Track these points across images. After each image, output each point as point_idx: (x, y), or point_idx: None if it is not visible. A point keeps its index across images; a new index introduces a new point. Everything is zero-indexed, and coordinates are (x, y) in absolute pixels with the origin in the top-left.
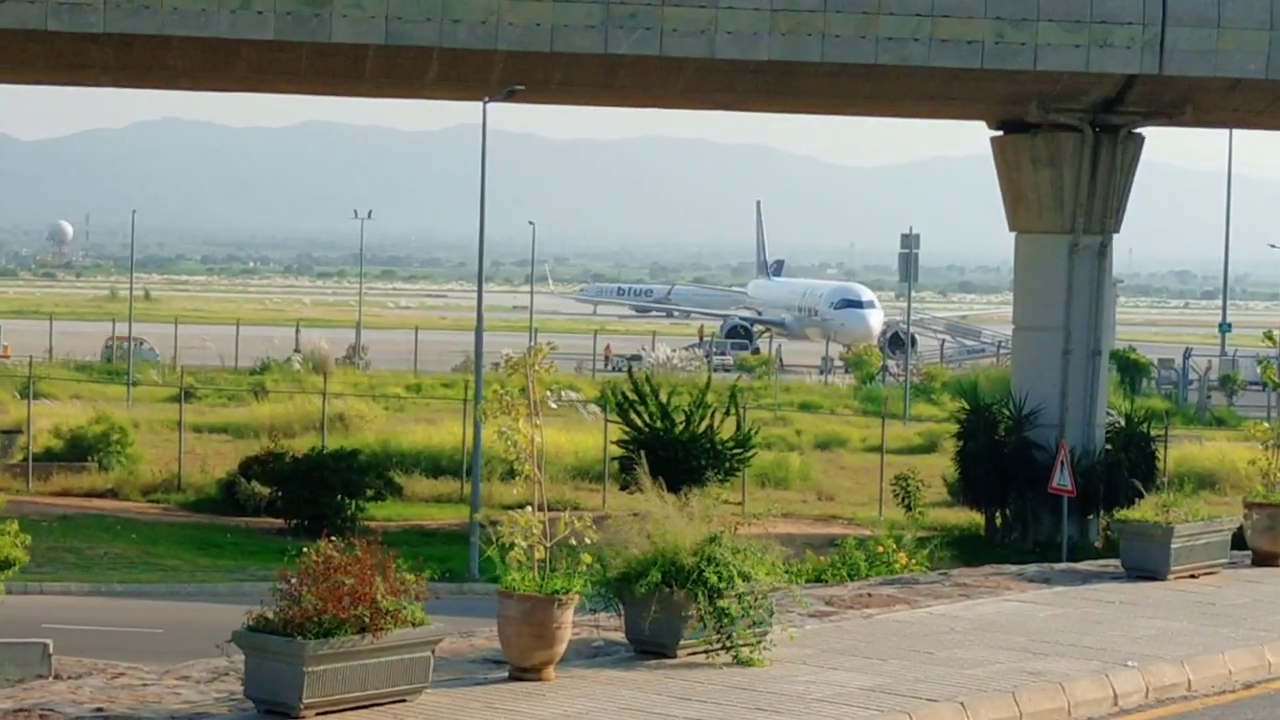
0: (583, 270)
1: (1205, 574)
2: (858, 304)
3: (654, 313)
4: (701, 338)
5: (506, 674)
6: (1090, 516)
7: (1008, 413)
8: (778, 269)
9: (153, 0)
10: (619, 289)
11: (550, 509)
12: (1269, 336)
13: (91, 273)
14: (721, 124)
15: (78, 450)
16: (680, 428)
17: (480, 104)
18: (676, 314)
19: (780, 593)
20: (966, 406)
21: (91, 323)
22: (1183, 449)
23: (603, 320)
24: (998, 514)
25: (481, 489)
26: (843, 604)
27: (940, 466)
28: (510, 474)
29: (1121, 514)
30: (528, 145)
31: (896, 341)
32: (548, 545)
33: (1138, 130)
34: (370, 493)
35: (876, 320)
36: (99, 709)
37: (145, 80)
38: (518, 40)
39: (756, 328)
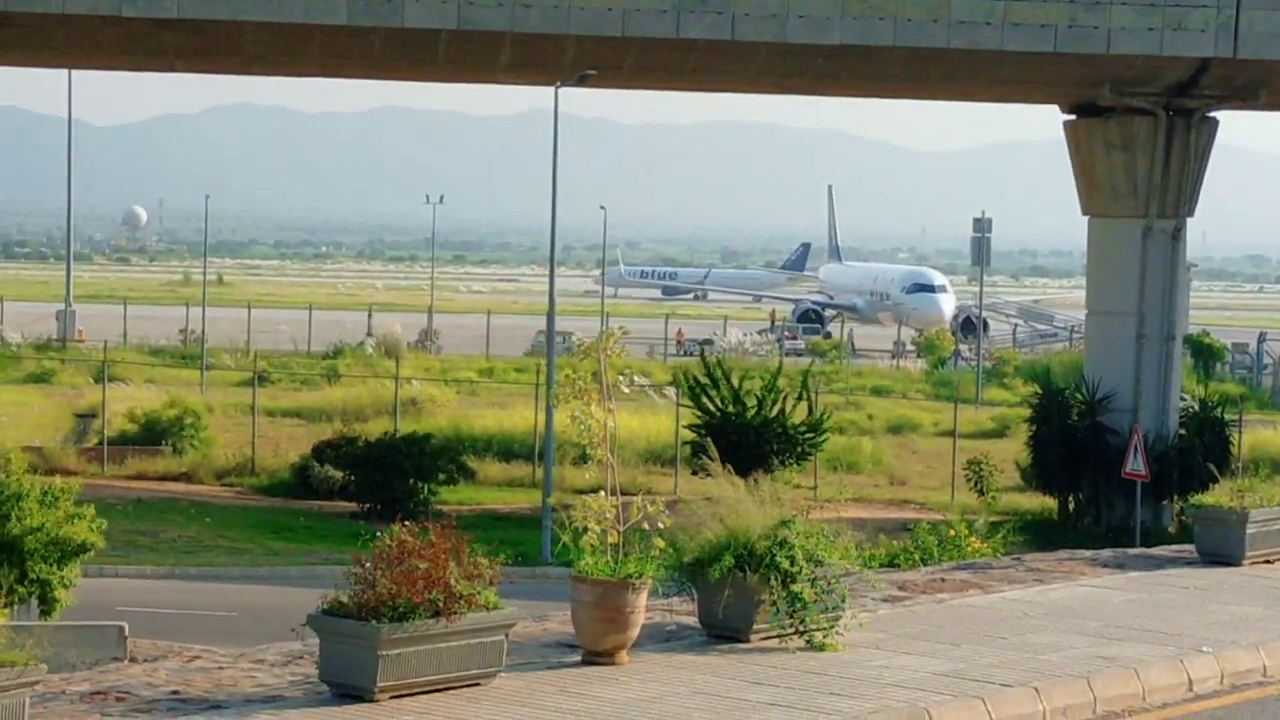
0: (653, 255)
1: None
2: (930, 288)
3: (682, 296)
4: (773, 322)
5: (580, 658)
6: (1164, 502)
7: (1081, 397)
8: (802, 255)
9: None
10: (641, 271)
11: (623, 493)
12: None
13: (165, 257)
14: (794, 109)
15: (152, 434)
16: (752, 412)
17: (552, 89)
18: (701, 296)
19: (853, 577)
20: (1039, 391)
21: (165, 307)
22: (1257, 434)
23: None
24: (1071, 499)
25: (554, 473)
26: (916, 589)
27: (1013, 451)
28: (583, 458)
29: (1196, 499)
30: (600, 130)
31: (969, 326)
32: (620, 530)
33: (1212, 114)
34: (442, 477)
35: (948, 304)
36: (174, 692)
37: (219, 65)
38: (589, 25)
39: (828, 312)
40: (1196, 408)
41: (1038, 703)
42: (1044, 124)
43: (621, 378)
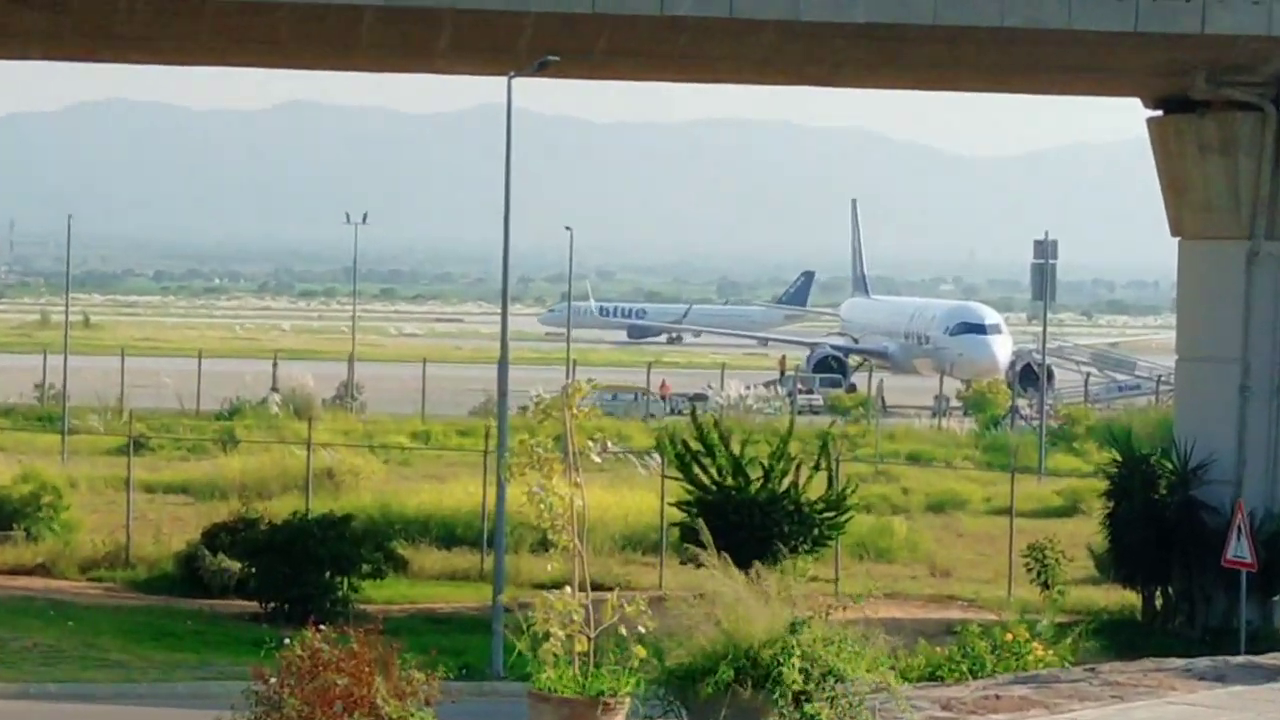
0: (633, 288)
1: None
2: (980, 328)
3: (652, 338)
4: (783, 371)
5: None
6: (1275, 597)
7: (1170, 465)
8: (804, 287)
9: None
10: (600, 308)
11: (594, 589)
12: None
13: (16, 292)
14: (809, 104)
15: (0, 516)
16: (756, 485)
17: (505, 79)
18: (676, 339)
19: (884, 695)
20: (1118, 458)
21: (17, 355)
22: None
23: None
24: (1158, 593)
25: (507, 564)
26: (964, 708)
27: (1085, 534)
28: (543, 545)
29: None
30: (565, 131)
31: (1029, 375)
32: (591, 635)
33: None
34: (367, 568)
35: (1003, 349)
36: None
37: (86, 51)
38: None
39: (852, 359)
40: None
41: None
42: (1123, 122)
43: (592, 443)
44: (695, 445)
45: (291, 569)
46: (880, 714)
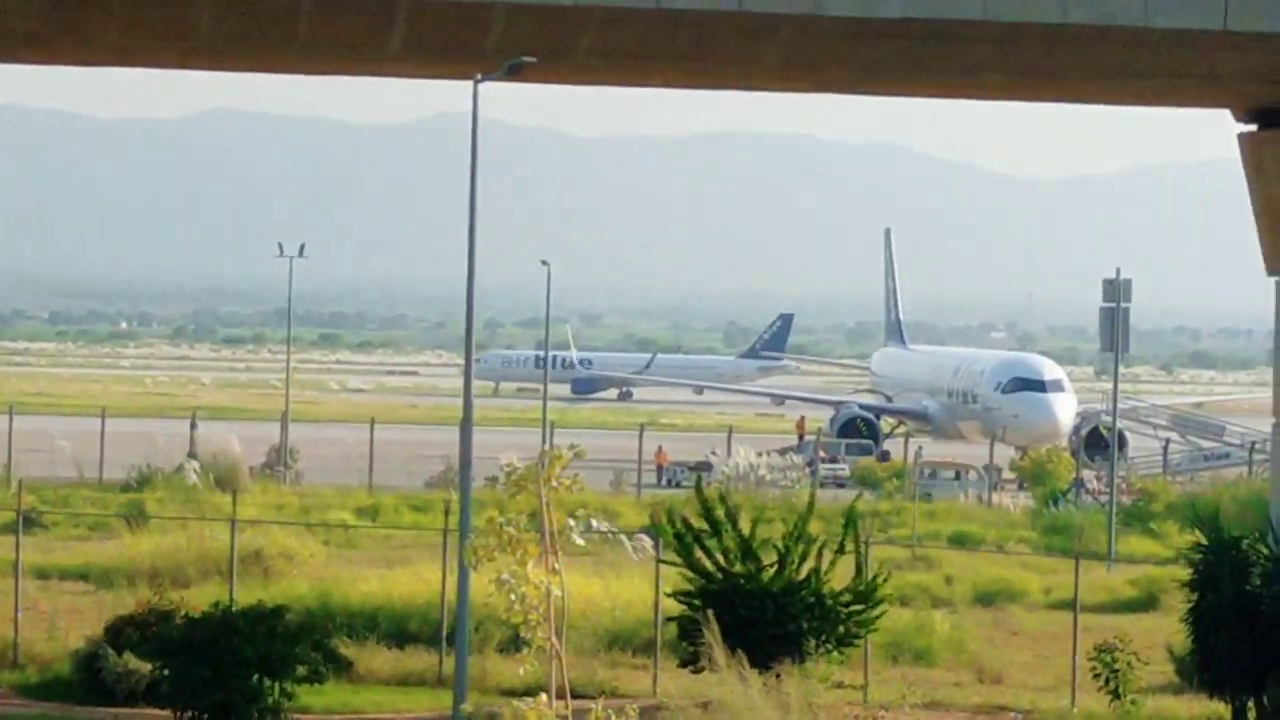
0: (623, 334)
1: None
2: (1038, 385)
3: (602, 393)
4: (802, 436)
5: None
6: None
7: (1266, 550)
8: (782, 330)
9: None
10: (536, 358)
11: (574, 696)
12: None
13: None
14: (834, 115)
15: None
16: (770, 572)
17: (469, 84)
18: (626, 395)
19: None
20: (1203, 541)
21: None
22: None
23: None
24: (1251, 704)
25: (471, 666)
26: None
27: (1164, 632)
28: (515, 643)
29: None
30: (542, 146)
31: (1097, 442)
32: None
33: None
34: (303, 671)
35: (1066, 410)
36: None
37: None
38: None
39: (884, 421)
40: None
41: None
42: (1210, 139)
43: (573, 521)
44: (698, 523)
45: (213, 671)
46: None
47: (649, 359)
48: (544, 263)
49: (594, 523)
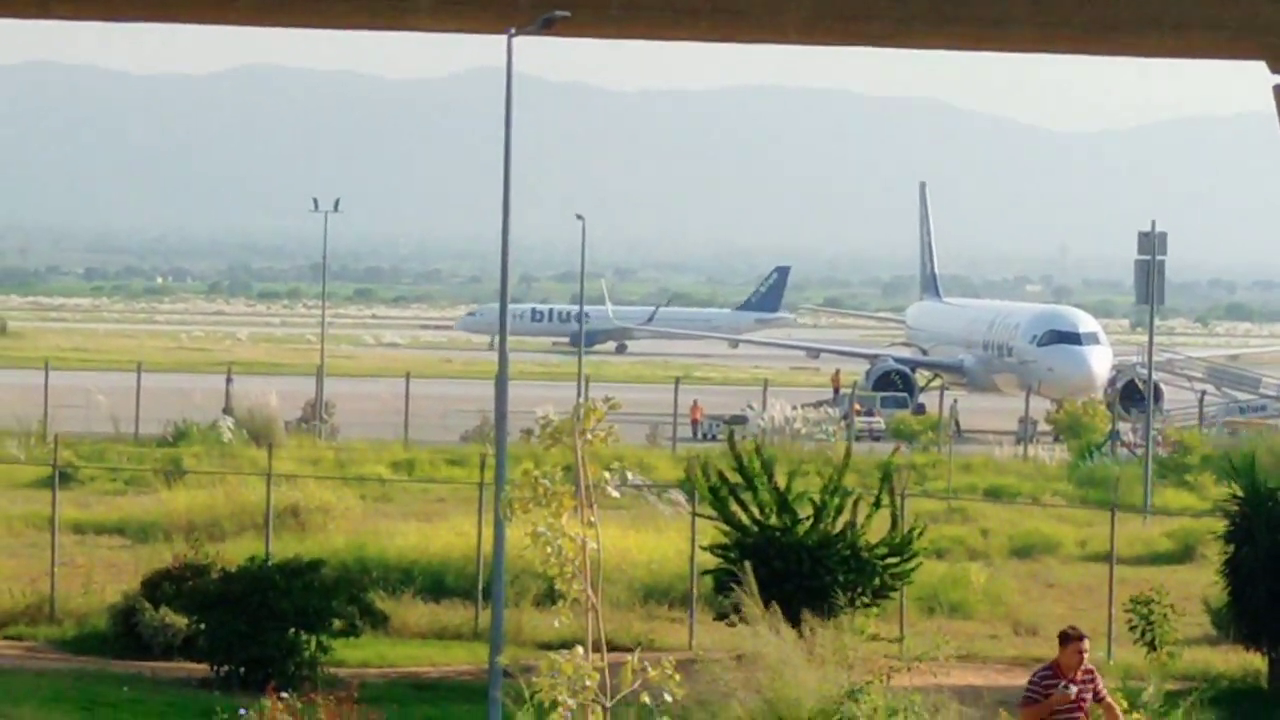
0: (657, 289)
1: None
2: (1073, 338)
3: (602, 344)
4: (837, 389)
5: None
6: None
7: None
8: (777, 287)
9: None
10: (534, 311)
11: (611, 648)
12: None
13: None
14: (869, 68)
15: None
16: (806, 525)
17: (503, 39)
18: (621, 348)
19: None
20: (1239, 493)
21: None
22: None
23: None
24: None
25: (507, 619)
26: None
27: (1200, 584)
28: (550, 596)
29: None
30: (576, 101)
31: (1132, 394)
32: (607, 704)
33: None
34: (339, 625)
35: (1101, 362)
36: None
37: (3, 5)
38: None
39: (920, 374)
40: None
41: None
42: (1244, 91)
43: (609, 474)
44: (733, 477)
45: (248, 625)
46: None
47: (651, 311)
48: (579, 217)
49: (630, 476)
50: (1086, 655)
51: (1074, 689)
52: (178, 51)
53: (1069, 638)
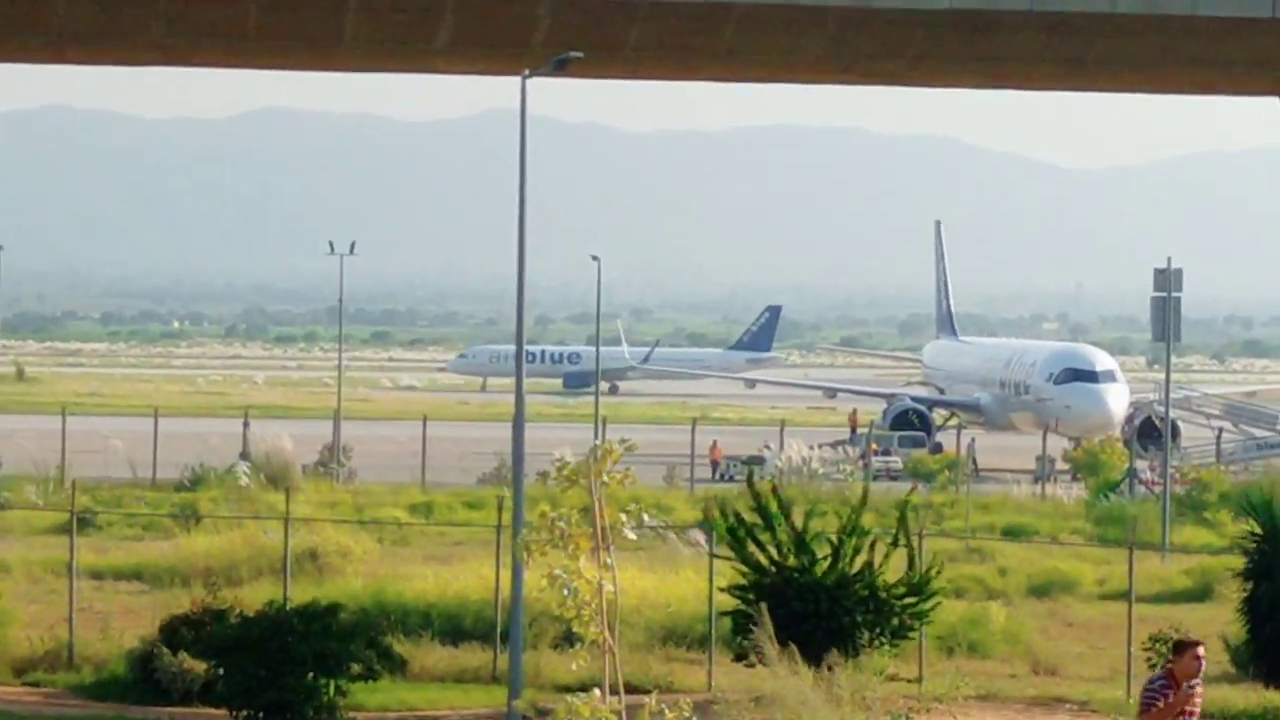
0: (674, 329)
1: None
2: (1090, 376)
3: (595, 386)
4: (854, 429)
5: None
6: None
7: None
8: (770, 323)
9: None
10: (526, 353)
11: (628, 691)
12: None
13: None
14: (884, 107)
15: None
16: (824, 565)
17: (518, 80)
18: (613, 389)
19: None
20: (1257, 530)
21: None
22: None
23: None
24: None
25: (525, 662)
26: None
27: (1219, 621)
28: (568, 639)
29: None
30: (591, 141)
31: (1150, 432)
32: None
33: None
34: (357, 669)
35: (1118, 400)
36: None
37: (19, 51)
38: None
39: (937, 413)
40: None
41: None
42: (1258, 125)
43: (625, 516)
44: (751, 517)
45: (267, 670)
46: None
47: (647, 352)
48: (594, 258)
49: (646, 517)
50: (1204, 661)
51: (1199, 686)
52: (193, 95)
53: (1186, 645)
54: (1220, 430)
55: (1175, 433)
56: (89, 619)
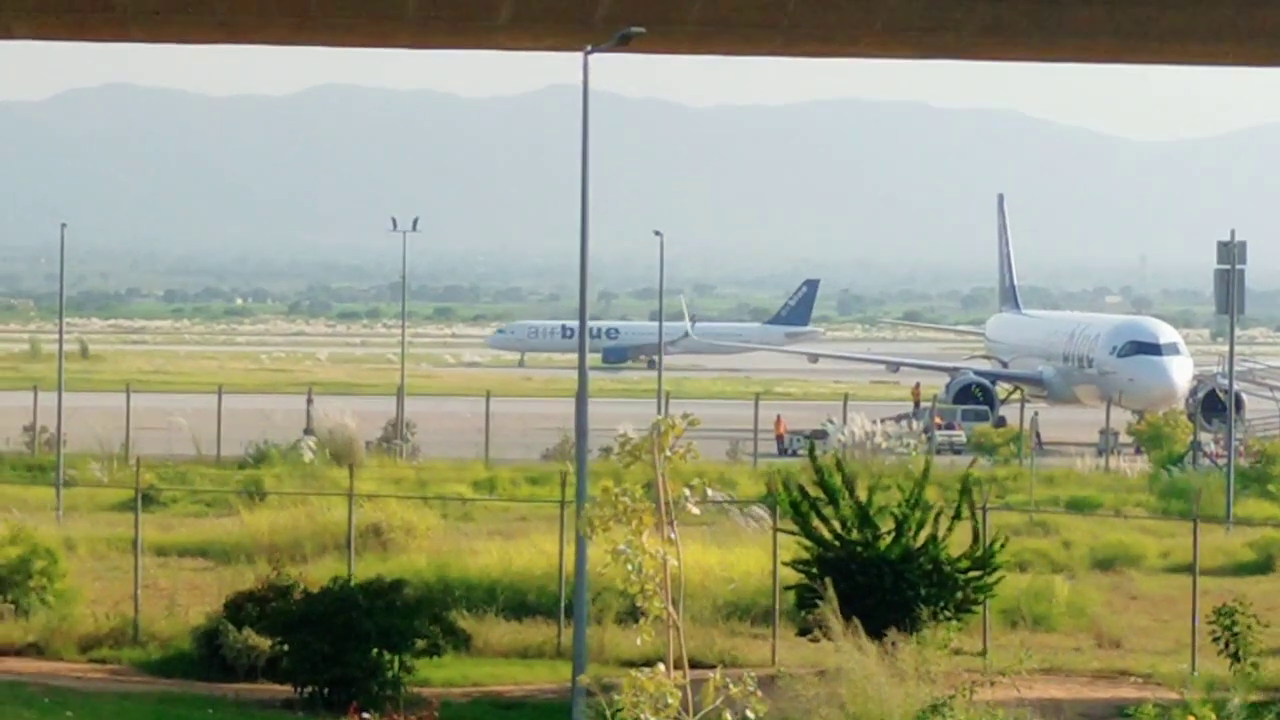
0: (736, 304)
1: None
2: (1153, 349)
3: (636, 362)
4: (918, 402)
5: None
6: None
7: None
8: (808, 297)
9: None
10: (564, 328)
11: (692, 666)
12: None
13: (2, 316)
14: (946, 81)
15: None
16: (887, 540)
17: (580, 56)
18: (652, 363)
19: None
20: None
21: (2, 393)
22: None
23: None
24: None
25: (589, 637)
26: None
27: None
28: (632, 614)
29: None
30: (653, 117)
31: (1214, 404)
32: None
33: None
34: (422, 644)
35: (1182, 373)
36: None
37: (78, 28)
38: None
39: (1000, 387)
40: None
41: None
42: None
43: (689, 491)
44: (814, 492)
45: (331, 646)
46: None
47: (686, 327)
48: (657, 233)
49: (710, 492)
50: None
51: None
52: (256, 73)
53: None
54: None
55: (1239, 405)
56: (154, 596)
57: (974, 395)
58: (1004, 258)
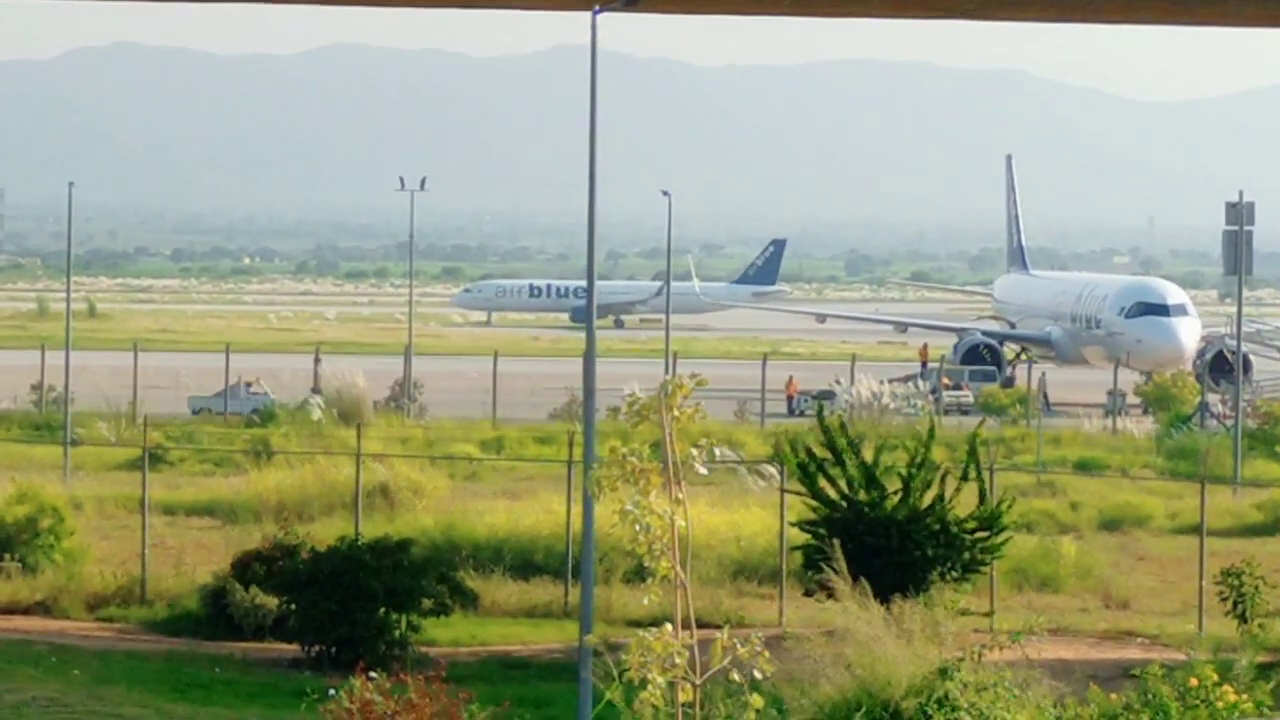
0: (743, 264)
1: None
2: (1161, 309)
3: (610, 321)
4: (925, 363)
5: None
6: None
7: None
8: (774, 258)
9: None
10: (531, 287)
11: (700, 626)
12: None
13: (9, 276)
14: (954, 41)
15: None
16: (894, 500)
17: (588, 15)
18: (619, 323)
19: None
20: None
21: (9, 351)
22: None
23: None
24: None
25: (596, 597)
26: None
27: None
28: (639, 574)
29: None
30: (662, 77)
31: (1221, 365)
32: (697, 682)
33: None
34: (429, 604)
35: (1190, 333)
36: None
37: None
38: None
39: (1008, 347)
40: None
41: None
42: None
43: (696, 451)
44: (821, 452)
45: (338, 605)
46: None
47: (659, 287)
48: (665, 193)
49: (718, 452)
50: None
51: None
52: (264, 32)
53: None
54: None
55: (1247, 366)
56: (161, 555)
57: (982, 356)
58: (1012, 218)
